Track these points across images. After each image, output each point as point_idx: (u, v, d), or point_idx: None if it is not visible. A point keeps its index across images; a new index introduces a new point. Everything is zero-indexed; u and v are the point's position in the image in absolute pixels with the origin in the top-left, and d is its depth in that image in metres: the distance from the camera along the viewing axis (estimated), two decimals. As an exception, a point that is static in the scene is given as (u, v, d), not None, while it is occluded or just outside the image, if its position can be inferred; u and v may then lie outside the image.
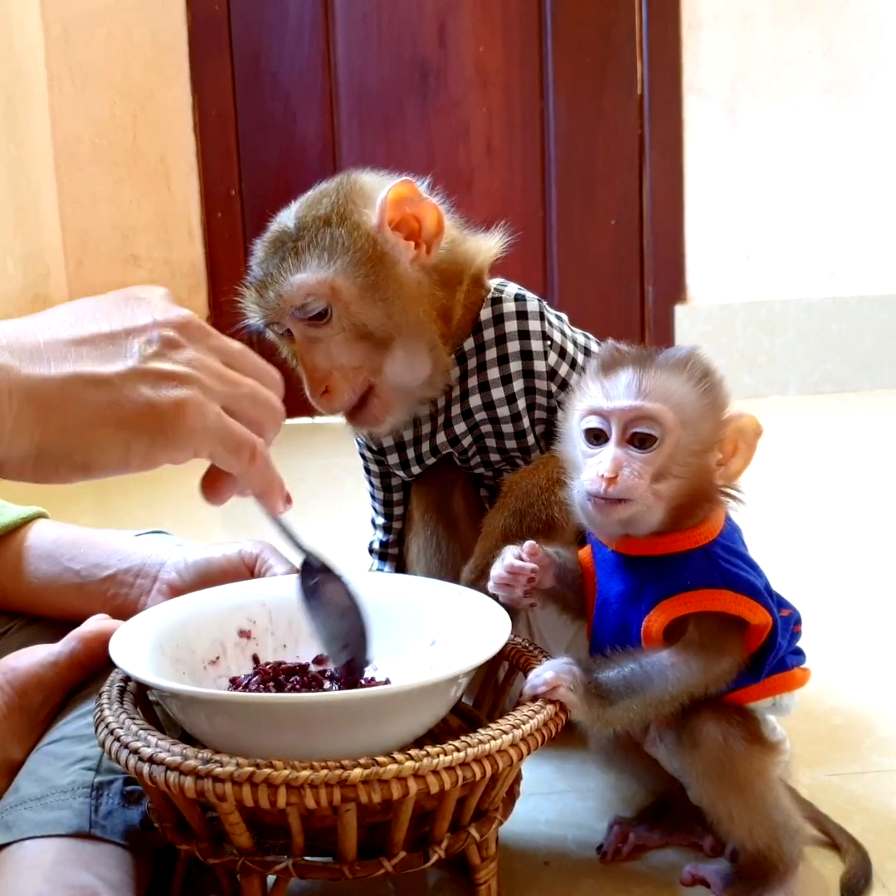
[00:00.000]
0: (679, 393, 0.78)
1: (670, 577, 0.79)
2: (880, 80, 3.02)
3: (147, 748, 0.69)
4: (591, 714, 0.77)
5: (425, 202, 0.96)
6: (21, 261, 2.67)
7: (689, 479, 0.79)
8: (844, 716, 1.13)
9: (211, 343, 0.65)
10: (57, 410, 0.58)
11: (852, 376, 3.09)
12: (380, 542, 1.12)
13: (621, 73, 3.02)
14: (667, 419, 0.77)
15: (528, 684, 0.77)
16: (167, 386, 0.60)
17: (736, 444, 0.79)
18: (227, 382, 0.64)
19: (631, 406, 0.77)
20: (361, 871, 0.70)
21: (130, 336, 0.61)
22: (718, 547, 0.80)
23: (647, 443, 0.77)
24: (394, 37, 2.98)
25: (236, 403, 0.64)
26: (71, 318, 0.62)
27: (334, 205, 0.94)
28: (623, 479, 0.76)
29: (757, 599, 0.78)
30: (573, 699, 0.76)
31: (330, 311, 0.93)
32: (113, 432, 0.59)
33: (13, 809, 0.76)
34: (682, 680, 0.77)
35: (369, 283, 0.93)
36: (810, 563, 1.66)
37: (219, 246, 3.00)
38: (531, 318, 1.00)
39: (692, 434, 0.78)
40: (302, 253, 0.93)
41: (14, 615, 0.99)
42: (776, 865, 0.81)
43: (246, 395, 0.65)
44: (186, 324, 0.64)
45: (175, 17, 2.93)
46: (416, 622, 0.86)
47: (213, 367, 0.63)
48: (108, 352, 0.60)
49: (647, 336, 3.05)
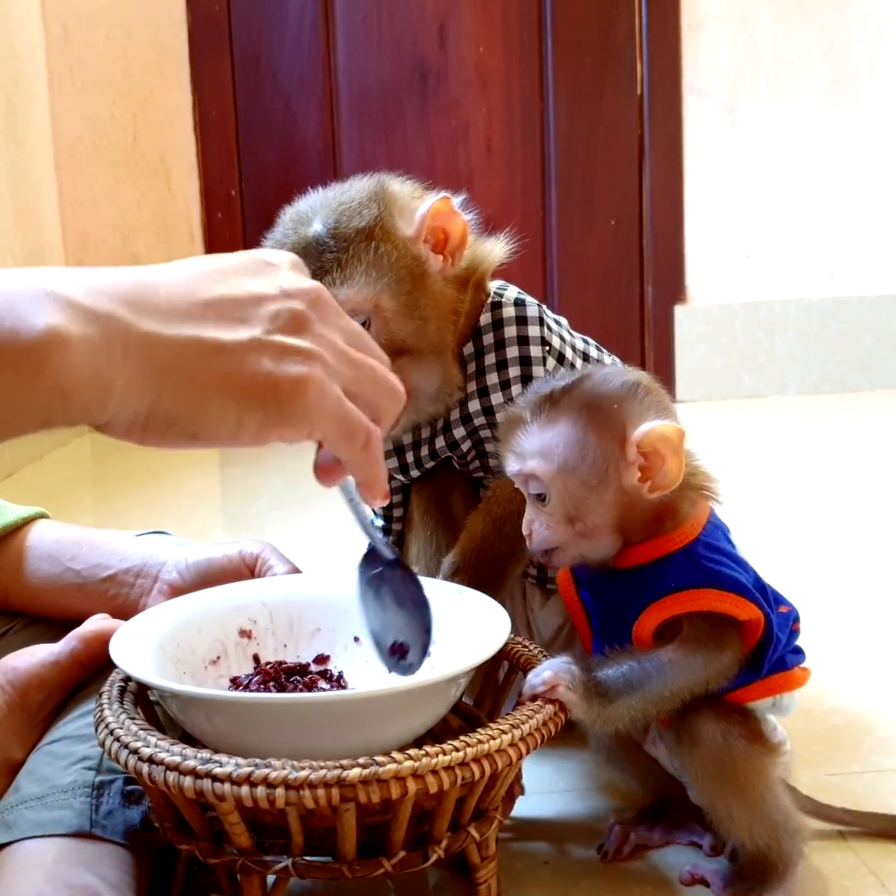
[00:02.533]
0: (552, 443, 0.79)
1: (655, 581, 0.79)
2: (880, 80, 3.02)
3: (146, 748, 0.69)
4: (592, 712, 0.77)
5: (457, 218, 0.97)
6: (21, 261, 2.67)
7: (609, 508, 0.80)
8: (844, 716, 1.13)
9: (337, 321, 0.61)
10: (172, 374, 0.54)
11: (852, 376, 3.09)
12: None
13: (621, 73, 3.02)
14: (541, 474, 0.79)
15: (528, 684, 0.77)
16: (290, 361, 0.57)
17: (661, 454, 0.78)
18: (350, 363, 0.61)
19: (511, 472, 0.82)
20: (361, 871, 0.70)
21: (257, 304, 0.58)
22: (700, 546, 0.80)
23: (542, 497, 0.81)
24: (394, 37, 2.98)
25: (357, 385, 0.61)
26: (196, 274, 0.58)
27: (377, 218, 0.94)
28: (537, 534, 0.81)
29: (743, 595, 0.78)
30: (572, 698, 0.76)
31: (368, 325, 0.93)
32: (227, 403, 0.55)
33: (14, 809, 0.76)
34: (682, 676, 0.78)
35: (411, 301, 0.94)
36: (810, 562, 1.66)
37: (219, 246, 3.00)
38: (530, 324, 1.01)
39: (575, 475, 0.79)
40: (346, 267, 0.92)
41: (14, 615, 0.99)
42: (776, 865, 0.81)
43: (368, 377, 0.62)
44: (315, 297, 0.60)
45: (175, 17, 2.93)
46: (416, 622, 0.87)
47: (338, 345, 0.60)
48: (232, 318, 0.57)
49: (646, 336, 3.05)
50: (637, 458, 0.78)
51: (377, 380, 0.62)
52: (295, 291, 0.59)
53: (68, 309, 0.51)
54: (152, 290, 0.55)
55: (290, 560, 0.93)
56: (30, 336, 0.49)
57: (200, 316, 0.55)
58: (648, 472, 0.79)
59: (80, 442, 2.88)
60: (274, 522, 2.02)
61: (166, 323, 0.54)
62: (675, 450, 0.78)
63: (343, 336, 0.61)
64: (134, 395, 0.53)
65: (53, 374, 0.49)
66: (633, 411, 0.79)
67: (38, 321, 0.49)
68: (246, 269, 0.60)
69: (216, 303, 0.56)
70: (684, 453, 0.79)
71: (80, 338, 0.50)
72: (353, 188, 0.97)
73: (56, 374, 0.50)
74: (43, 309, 0.50)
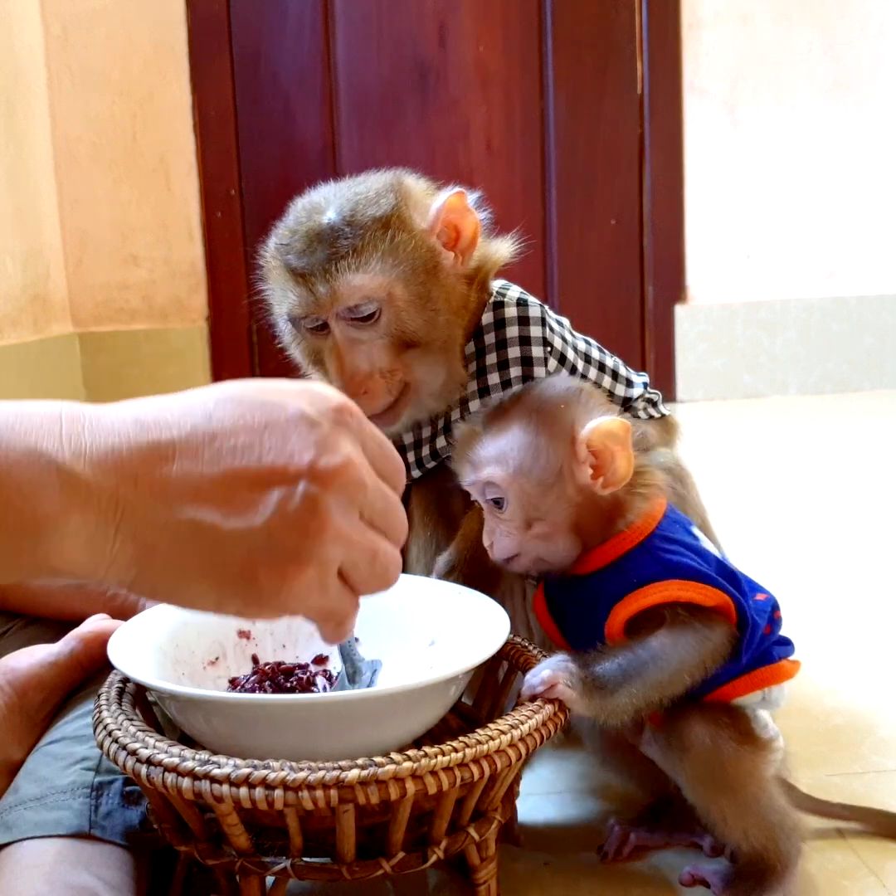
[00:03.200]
0: (505, 448, 0.81)
1: (618, 580, 0.80)
2: (881, 80, 3.02)
3: (145, 749, 0.69)
4: (594, 707, 0.77)
5: (470, 215, 0.97)
6: (21, 261, 2.67)
7: (565, 508, 0.81)
8: (844, 716, 1.13)
9: (360, 496, 0.56)
10: (159, 556, 0.52)
11: (852, 376, 3.09)
12: None
13: (621, 73, 3.02)
14: (497, 479, 0.81)
15: (526, 684, 0.77)
16: (281, 559, 0.53)
17: (610, 450, 0.80)
18: (359, 548, 0.56)
19: (468, 482, 0.84)
20: (360, 872, 0.70)
21: (271, 485, 0.53)
22: (657, 539, 0.81)
23: (499, 503, 0.82)
24: (394, 37, 2.98)
25: (354, 568, 0.57)
26: (224, 430, 0.53)
27: (394, 208, 0.94)
28: (498, 544, 0.83)
29: (704, 581, 0.79)
30: (572, 696, 0.76)
31: (379, 314, 0.93)
32: (208, 589, 0.53)
33: (13, 810, 0.76)
34: (676, 657, 0.78)
35: (424, 292, 0.94)
36: (810, 562, 1.66)
37: (219, 246, 3.00)
38: (532, 324, 1.01)
39: (530, 476, 0.81)
40: (362, 253, 0.92)
41: (14, 615, 0.99)
42: (774, 865, 0.81)
43: (367, 560, 0.57)
44: (342, 473, 0.54)
45: (175, 17, 2.93)
46: (416, 622, 0.87)
47: (350, 534, 0.55)
48: (239, 500, 0.52)
49: (646, 336, 3.05)
50: (588, 456, 0.80)
51: (377, 562, 0.58)
52: (322, 472, 0.53)
53: (70, 490, 0.50)
54: (166, 458, 0.52)
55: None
56: (28, 520, 0.49)
57: (206, 495, 0.52)
58: (600, 470, 0.80)
59: (80, 442, 2.88)
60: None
61: (168, 504, 0.52)
62: (623, 443, 0.80)
63: (364, 510, 0.56)
64: (119, 570, 0.53)
65: (44, 554, 0.50)
66: (579, 412, 0.82)
67: (39, 508, 0.49)
68: (282, 425, 0.54)
69: (229, 480, 0.52)
70: (631, 447, 0.81)
71: (76, 526, 0.50)
72: (368, 180, 0.97)
73: (47, 555, 0.50)
74: (46, 491, 0.49)
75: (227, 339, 3.03)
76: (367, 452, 0.57)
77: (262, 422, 0.54)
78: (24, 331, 2.67)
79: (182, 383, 3.16)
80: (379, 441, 0.59)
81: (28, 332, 2.70)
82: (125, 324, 3.05)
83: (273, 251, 0.99)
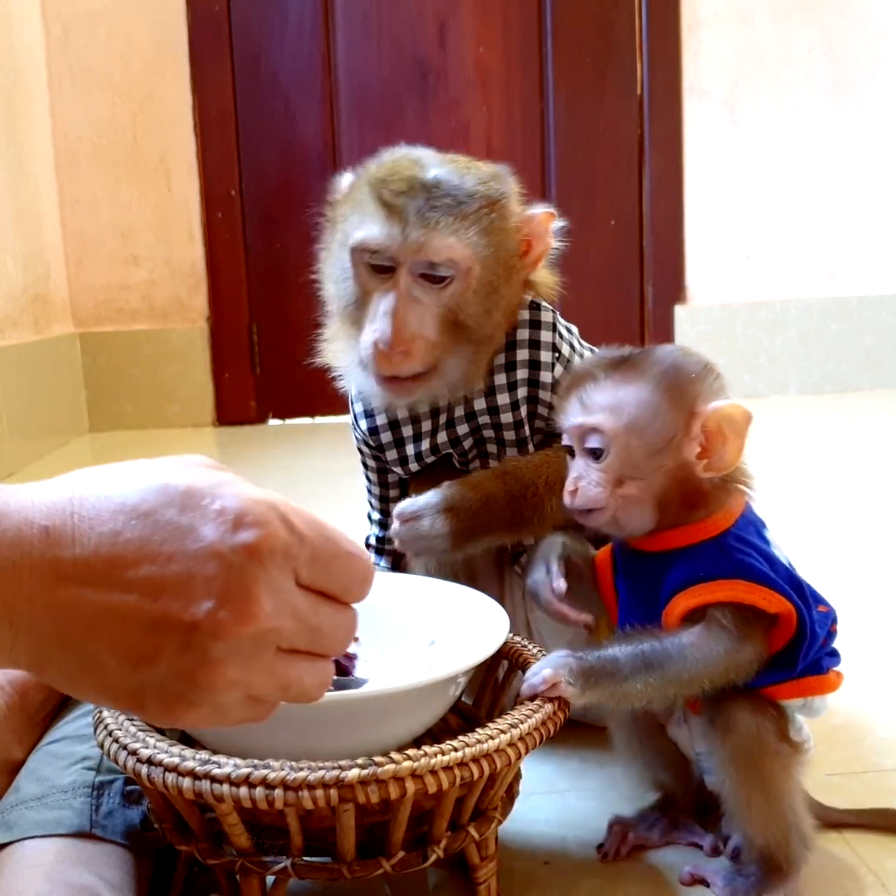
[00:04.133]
0: (624, 400, 0.80)
1: (684, 569, 0.80)
2: (880, 80, 3.02)
3: (145, 749, 0.69)
4: (600, 696, 0.76)
5: (548, 238, 0.99)
6: (21, 260, 2.67)
7: (660, 477, 0.80)
8: (844, 716, 1.13)
9: (274, 637, 0.51)
10: (53, 668, 0.50)
11: (852, 376, 3.09)
12: (376, 538, 1.12)
13: (621, 73, 3.02)
14: (607, 428, 0.80)
15: (526, 683, 0.77)
16: (170, 698, 0.50)
17: (724, 434, 0.79)
18: (256, 687, 0.51)
19: (573, 423, 0.82)
20: (360, 872, 0.70)
21: (165, 632, 0.49)
22: (731, 538, 0.81)
23: (598, 453, 0.81)
24: (394, 37, 2.98)
25: (263, 696, 0.53)
26: (115, 556, 0.49)
27: (502, 196, 0.96)
28: (582, 492, 0.81)
29: (772, 587, 0.79)
30: (574, 692, 0.75)
31: (450, 282, 0.94)
32: (103, 702, 0.52)
33: (14, 809, 0.76)
34: (702, 662, 0.77)
35: (495, 283, 0.95)
36: (810, 562, 1.66)
37: (219, 246, 3.00)
38: (543, 329, 1.01)
39: (641, 436, 0.80)
40: (465, 220, 0.93)
41: (14, 615, 0.99)
42: (781, 865, 0.81)
43: (279, 692, 0.53)
44: (244, 622, 0.49)
45: (175, 17, 2.93)
46: (415, 622, 0.87)
47: (249, 680, 0.51)
48: (130, 644, 0.49)
49: (646, 336, 3.05)
50: (699, 434, 0.79)
51: (289, 692, 0.53)
52: (220, 624, 0.49)
53: None
54: (65, 578, 0.49)
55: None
56: None
57: (99, 630, 0.49)
58: (707, 452, 0.80)
59: (80, 442, 2.88)
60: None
61: (60, 630, 0.49)
62: (739, 432, 0.80)
63: (282, 644, 0.51)
64: (20, 667, 0.50)
65: None
66: (705, 388, 0.81)
67: None
68: (188, 560, 0.49)
69: (121, 618, 0.49)
70: (746, 439, 0.80)
71: None
72: (472, 161, 0.99)
73: None
74: None
75: (227, 339, 3.03)
76: (304, 574, 0.52)
77: (168, 552, 0.49)
78: (24, 331, 2.67)
79: (182, 383, 3.17)
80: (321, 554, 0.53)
81: (29, 332, 2.70)
82: (126, 324, 3.05)
83: (364, 180, 0.97)
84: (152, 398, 3.03)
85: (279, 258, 2.96)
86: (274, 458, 2.54)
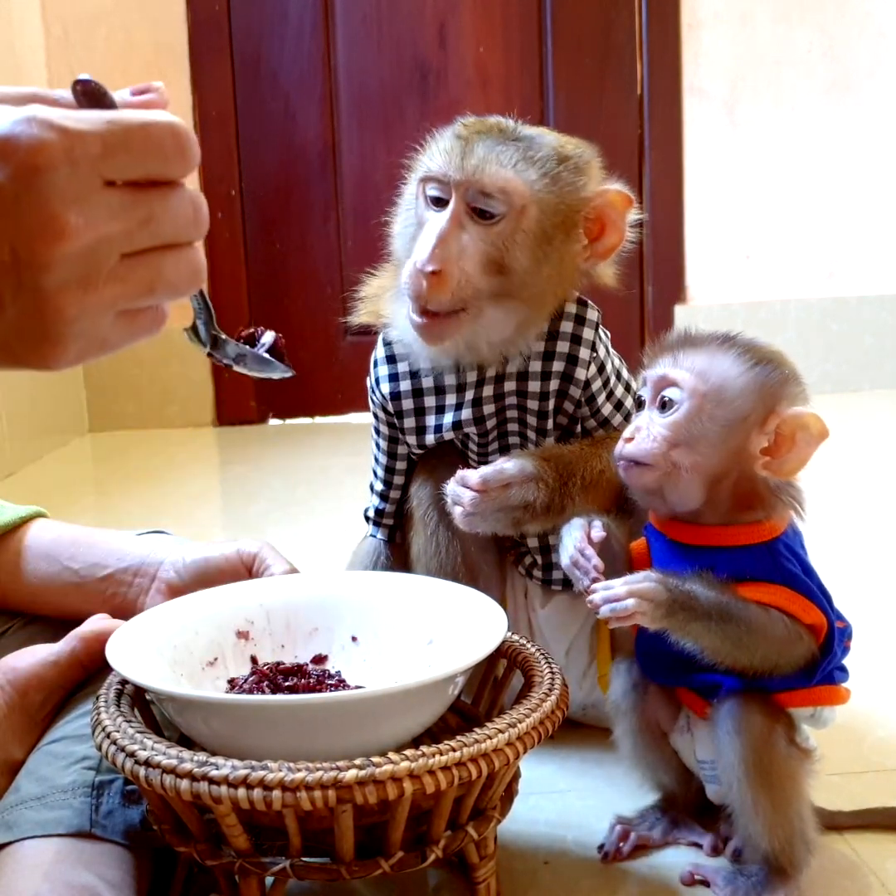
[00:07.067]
0: (716, 369, 0.80)
1: (730, 568, 0.80)
2: (880, 80, 3.02)
3: (143, 751, 0.69)
4: (673, 624, 0.77)
5: (623, 228, 0.97)
6: (21, 261, 2.66)
7: (717, 457, 0.80)
8: (844, 716, 1.13)
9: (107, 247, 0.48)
10: None
11: (852, 376, 3.09)
12: (375, 510, 1.11)
13: (621, 73, 3.02)
14: (688, 385, 0.80)
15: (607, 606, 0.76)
16: (31, 343, 0.49)
17: (794, 441, 0.79)
18: (119, 282, 0.49)
19: (658, 373, 0.82)
20: (359, 872, 0.70)
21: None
22: (781, 545, 0.82)
23: (668, 406, 0.80)
24: (394, 37, 2.98)
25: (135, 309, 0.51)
26: None
27: (579, 158, 0.97)
28: (637, 441, 0.81)
29: (812, 600, 0.80)
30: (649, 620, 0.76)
31: (501, 220, 0.92)
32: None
33: (14, 809, 0.76)
34: (761, 631, 0.78)
35: (549, 233, 0.94)
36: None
37: (219, 246, 3.00)
38: (587, 326, 1.01)
39: (717, 406, 0.79)
40: (528, 161, 0.93)
41: (13, 615, 0.99)
42: (784, 869, 0.81)
43: (145, 297, 0.50)
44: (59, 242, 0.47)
45: (175, 17, 2.93)
46: (414, 621, 0.87)
47: (100, 301, 0.49)
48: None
49: (647, 336, 3.05)
50: (771, 433, 0.80)
51: (155, 295, 0.51)
52: (8, 179, 0.46)
53: None
54: None
55: (287, 560, 0.93)
56: None
57: None
58: (772, 451, 0.80)
59: (80, 442, 2.88)
60: (273, 523, 2.02)
61: None
62: (809, 443, 0.80)
63: (115, 249, 0.49)
64: None
65: None
66: (790, 390, 0.81)
67: None
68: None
69: None
70: (815, 452, 0.80)
71: None
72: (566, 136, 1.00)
73: None
74: None
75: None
76: (105, 169, 0.48)
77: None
78: (24, 331, 2.66)
79: (182, 383, 3.16)
80: (111, 140, 0.48)
81: (28, 332, 2.70)
82: (125, 324, 3.05)
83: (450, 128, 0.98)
84: (152, 398, 3.02)
85: (279, 258, 2.96)
86: (274, 458, 2.54)
